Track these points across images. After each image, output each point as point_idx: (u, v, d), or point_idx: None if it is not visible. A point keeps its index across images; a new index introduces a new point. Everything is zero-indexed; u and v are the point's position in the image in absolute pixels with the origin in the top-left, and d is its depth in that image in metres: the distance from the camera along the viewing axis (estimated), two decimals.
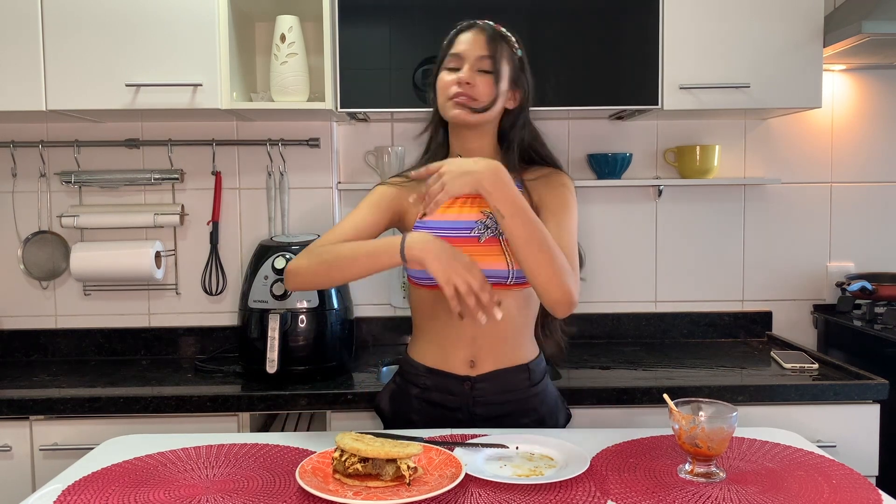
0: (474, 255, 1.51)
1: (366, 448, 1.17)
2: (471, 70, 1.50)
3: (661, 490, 1.20)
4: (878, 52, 2.23)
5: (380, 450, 1.17)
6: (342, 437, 1.21)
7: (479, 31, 1.52)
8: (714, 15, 2.13)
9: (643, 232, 2.53)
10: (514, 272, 1.51)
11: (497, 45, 1.51)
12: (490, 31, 1.53)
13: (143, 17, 2.03)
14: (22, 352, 2.44)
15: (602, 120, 2.50)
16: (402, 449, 1.18)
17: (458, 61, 1.51)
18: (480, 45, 1.50)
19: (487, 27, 1.54)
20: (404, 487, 1.18)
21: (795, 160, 2.53)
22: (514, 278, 1.51)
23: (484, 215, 1.55)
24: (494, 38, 1.52)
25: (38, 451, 1.92)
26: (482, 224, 1.54)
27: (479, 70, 1.51)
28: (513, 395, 1.58)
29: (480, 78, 1.51)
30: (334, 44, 2.11)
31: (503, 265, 1.51)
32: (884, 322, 2.26)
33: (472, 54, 1.51)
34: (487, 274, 1.48)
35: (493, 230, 1.54)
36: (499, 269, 1.51)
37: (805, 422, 1.92)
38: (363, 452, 1.17)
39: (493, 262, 1.51)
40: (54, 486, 1.25)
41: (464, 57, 1.51)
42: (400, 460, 1.18)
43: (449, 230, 1.54)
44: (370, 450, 1.17)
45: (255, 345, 2.08)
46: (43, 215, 2.41)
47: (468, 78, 1.49)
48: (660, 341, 2.51)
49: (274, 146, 2.41)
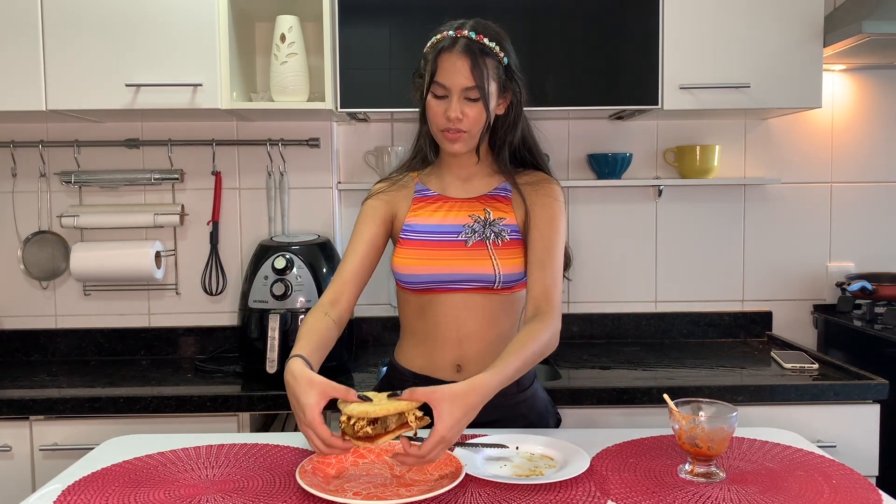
0: (461, 260, 1.51)
1: (375, 409, 1.19)
2: (458, 101, 1.46)
3: (661, 490, 1.20)
4: (878, 52, 2.23)
5: (388, 406, 1.19)
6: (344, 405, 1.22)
7: (462, 56, 1.44)
8: (714, 15, 2.13)
9: (643, 232, 2.53)
10: (500, 276, 1.50)
11: (481, 71, 1.45)
12: (472, 52, 1.45)
13: (143, 17, 2.03)
14: (22, 352, 2.44)
15: (602, 120, 2.50)
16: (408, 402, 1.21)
17: (443, 90, 1.47)
18: (465, 74, 1.45)
19: (470, 48, 1.45)
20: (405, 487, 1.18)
21: (795, 160, 2.53)
22: (501, 283, 1.51)
23: (472, 219, 1.54)
24: (477, 62, 1.45)
25: (38, 451, 1.92)
26: (469, 228, 1.54)
27: (466, 98, 1.47)
28: (501, 402, 1.56)
29: (468, 106, 1.47)
30: (334, 44, 2.11)
31: (490, 269, 1.51)
32: (884, 322, 2.26)
33: (457, 86, 1.45)
34: (474, 278, 1.49)
35: (480, 234, 1.53)
36: (486, 273, 1.51)
37: (805, 422, 1.92)
38: (373, 413, 1.19)
39: (480, 267, 1.51)
40: (54, 486, 1.25)
41: (449, 88, 1.46)
42: (408, 411, 1.20)
43: (436, 234, 1.54)
44: (379, 409, 1.19)
45: (255, 345, 2.08)
46: (43, 215, 2.41)
47: (456, 114, 1.46)
48: (660, 341, 2.51)
49: (274, 146, 2.41)
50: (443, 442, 1.19)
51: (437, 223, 1.55)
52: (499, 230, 1.54)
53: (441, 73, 1.46)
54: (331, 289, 1.52)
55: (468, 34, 1.46)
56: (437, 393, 1.22)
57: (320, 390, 1.22)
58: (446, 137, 1.50)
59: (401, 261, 1.54)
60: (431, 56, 1.48)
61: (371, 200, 1.62)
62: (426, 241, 1.54)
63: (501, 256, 1.51)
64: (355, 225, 1.60)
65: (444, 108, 1.47)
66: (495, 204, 1.57)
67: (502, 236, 1.53)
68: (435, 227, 1.55)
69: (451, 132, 1.49)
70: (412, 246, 1.54)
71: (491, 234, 1.53)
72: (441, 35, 1.49)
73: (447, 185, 1.60)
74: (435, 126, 1.51)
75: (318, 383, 1.23)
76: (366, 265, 1.56)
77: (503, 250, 1.52)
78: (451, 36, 1.47)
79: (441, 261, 1.52)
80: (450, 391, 1.23)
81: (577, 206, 2.51)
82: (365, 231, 1.57)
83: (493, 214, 1.55)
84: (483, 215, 1.55)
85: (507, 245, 1.53)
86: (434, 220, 1.56)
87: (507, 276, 1.51)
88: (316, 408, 1.21)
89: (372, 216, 1.59)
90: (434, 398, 1.21)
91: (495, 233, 1.53)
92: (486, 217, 1.55)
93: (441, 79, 1.46)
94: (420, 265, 1.52)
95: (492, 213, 1.55)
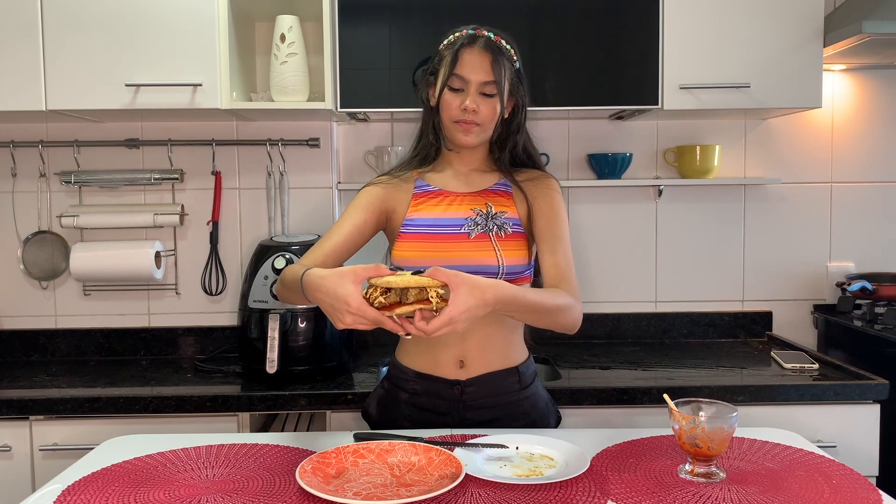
0: (464, 252, 1.52)
1: (397, 280, 1.23)
2: (474, 94, 1.51)
3: (661, 490, 1.20)
4: (878, 52, 2.23)
5: (410, 279, 1.23)
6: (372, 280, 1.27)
7: (483, 52, 1.50)
8: (714, 15, 2.13)
9: (643, 232, 2.53)
10: (503, 268, 1.51)
11: (500, 68, 1.50)
12: (493, 50, 1.51)
13: (143, 17, 2.03)
14: (22, 352, 2.44)
15: (602, 120, 2.50)
16: (430, 279, 1.24)
17: (461, 83, 1.51)
18: (485, 69, 1.50)
19: (490, 45, 1.51)
20: (405, 487, 1.18)
21: (795, 160, 2.53)
22: (504, 274, 1.51)
23: (474, 213, 1.56)
24: (497, 59, 1.50)
25: (38, 451, 1.92)
26: (472, 221, 1.55)
27: (481, 93, 1.51)
28: (503, 399, 1.57)
29: (483, 101, 1.51)
30: (334, 44, 2.11)
31: (493, 261, 1.51)
32: (884, 322, 2.26)
33: (476, 79, 1.50)
34: (478, 270, 1.49)
35: (482, 227, 1.54)
36: (489, 264, 1.51)
37: (805, 422, 1.92)
38: (394, 284, 1.23)
39: (483, 259, 1.51)
40: (54, 486, 1.24)
41: (468, 80, 1.50)
42: (430, 287, 1.24)
43: (438, 227, 1.55)
44: (401, 281, 1.23)
45: (254, 345, 2.08)
46: (43, 215, 2.41)
47: (473, 105, 1.50)
48: (660, 341, 2.51)
49: (274, 146, 2.41)
50: (451, 323, 1.24)
51: (439, 216, 1.56)
52: (501, 223, 1.55)
53: (461, 66, 1.50)
54: (308, 257, 1.53)
55: (487, 34, 1.53)
56: (459, 277, 1.27)
57: (353, 277, 1.27)
58: (460, 128, 1.53)
59: (402, 254, 1.54)
60: (451, 51, 1.52)
61: (369, 187, 1.63)
62: (428, 234, 1.54)
63: (504, 248, 1.52)
64: (347, 207, 1.60)
65: (460, 100, 1.51)
66: (496, 198, 1.58)
67: (505, 229, 1.55)
68: (437, 221, 1.56)
69: (464, 123, 1.52)
70: (414, 239, 1.54)
71: (493, 226, 1.54)
72: (460, 33, 1.54)
73: (448, 180, 1.62)
74: (448, 117, 1.54)
75: (348, 272, 1.28)
76: (348, 246, 1.57)
77: (506, 242, 1.53)
78: (472, 34, 1.53)
79: (444, 252, 1.52)
80: (471, 279, 1.28)
81: (577, 206, 2.51)
82: (356, 214, 1.58)
83: (495, 208, 1.57)
84: (485, 209, 1.56)
85: (510, 237, 1.54)
86: (435, 213, 1.57)
87: (511, 268, 1.51)
88: (358, 293, 1.25)
89: (366, 203, 1.60)
90: (455, 281, 1.26)
91: (498, 225, 1.55)
92: (488, 210, 1.56)
93: (460, 71, 1.50)
94: (422, 257, 1.52)
95: (493, 206, 1.57)
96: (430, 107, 1.59)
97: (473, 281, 1.28)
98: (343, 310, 1.26)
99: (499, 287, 1.31)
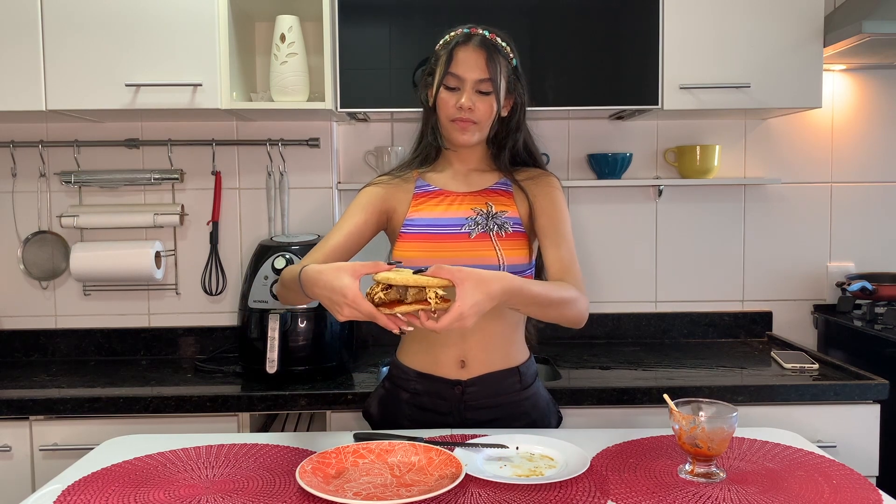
0: (465, 251, 1.52)
1: (395, 277, 1.23)
2: (470, 92, 1.51)
3: (661, 490, 1.20)
4: (878, 52, 2.23)
5: (409, 278, 1.23)
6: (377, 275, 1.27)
7: (478, 49, 1.50)
8: (714, 15, 2.13)
9: (643, 232, 2.53)
10: (504, 267, 1.51)
11: (495, 65, 1.50)
12: (488, 47, 1.51)
13: (143, 17, 2.03)
14: (22, 352, 2.44)
15: (602, 120, 2.50)
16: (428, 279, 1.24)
17: (457, 81, 1.51)
18: (480, 66, 1.50)
19: (485, 43, 1.51)
20: (405, 487, 1.18)
21: (795, 160, 2.53)
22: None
23: (474, 212, 1.56)
24: (492, 56, 1.50)
25: (38, 451, 1.92)
26: (472, 220, 1.55)
27: (477, 91, 1.51)
28: (504, 399, 1.57)
29: (479, 99, 1.51)
30: (334, 44, 2.11)
31: (494, 260, 1.51)
32: (884, 322, 2.26)
33: (472, 77, 1.50)
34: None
35: (483, 226, 1.54)
36: (490, 263, 1.51)
37: (805, 422, 1.92)
38: (392, 281, 1.23)
39: (484, 258, 1.51)
40: (54, 486, 1.24)
41: (463, 79, 1.50)
42: (428, 287, 1.23)
43: (439, 227, 1.55)
44: (399, 279, 1.23)
45: (254, 345, 2.08)
46: (43, 215, 2.41)
47: (469, 103, 1.50)
48: (660, 341, 2.51)
49: (274, 146, 2.41)
50: (460, 319, 1.24)
51: (440, 216, 1.56)
52: (501, 222, 1.55)
53: (456, 64, 1.50)
54: (309, 258, 1.53)
55: (482, 32, 1.53)
56: (463, 272, 1.26)
57: (351, 271, 1.27)
58: (457, 126, 1.53)
59: (403, 254, 1.54)
60: (446, 50, 1.53)
61: (370, 187, 1.63)
62: (429, 233, 1.54)
63: (505, 247, 1.52)
64: (348, 207, 1.61)
65: (456, 98, 1.51)
66: (497, 197, 1.58)
67: (505, 228, 1.55)
68: (437, 220, 1.56)
69: (461, 121, 1.52)
70: (415, 238, 1.54)
71: (494, 225, 1.54)
72: (455, 32, 1.54)
73: (448, 180, 1.62)
74: (445, 116, 1.54)
75: (346, 266, 1.29)
76: (348, 247, 1.57)
77: (507, 241, 1.53)
78: (466, 32, 1.53)
79: (444, 252, 1.52)
80: (475, 274, 1.28)
81: (578, 206, 2.51)
82: (356, 214, 1.59)
83: (496, 207, 1.57)
84: (485, 208, 1.56)
85: (511, 237, 1.54)
86: (436, 213, 1.57)
87: (512, 268, 1.51)
88: (355, 285, 1.26)
89: (367, 203, 1.60)
90: (458, 277, 1.26)
91: (498, 224, 1.55)
92: (489, 210, 1.56)
93: (456, 70, 1.51)
94: (423, 257, 1.52)
95: (494, 206, 1.57)
96: (429, 107, 1.59)
97: (478, 274, 1.28)
98: (341, 302, 1.27)
99: (504, 279, 1.32)
